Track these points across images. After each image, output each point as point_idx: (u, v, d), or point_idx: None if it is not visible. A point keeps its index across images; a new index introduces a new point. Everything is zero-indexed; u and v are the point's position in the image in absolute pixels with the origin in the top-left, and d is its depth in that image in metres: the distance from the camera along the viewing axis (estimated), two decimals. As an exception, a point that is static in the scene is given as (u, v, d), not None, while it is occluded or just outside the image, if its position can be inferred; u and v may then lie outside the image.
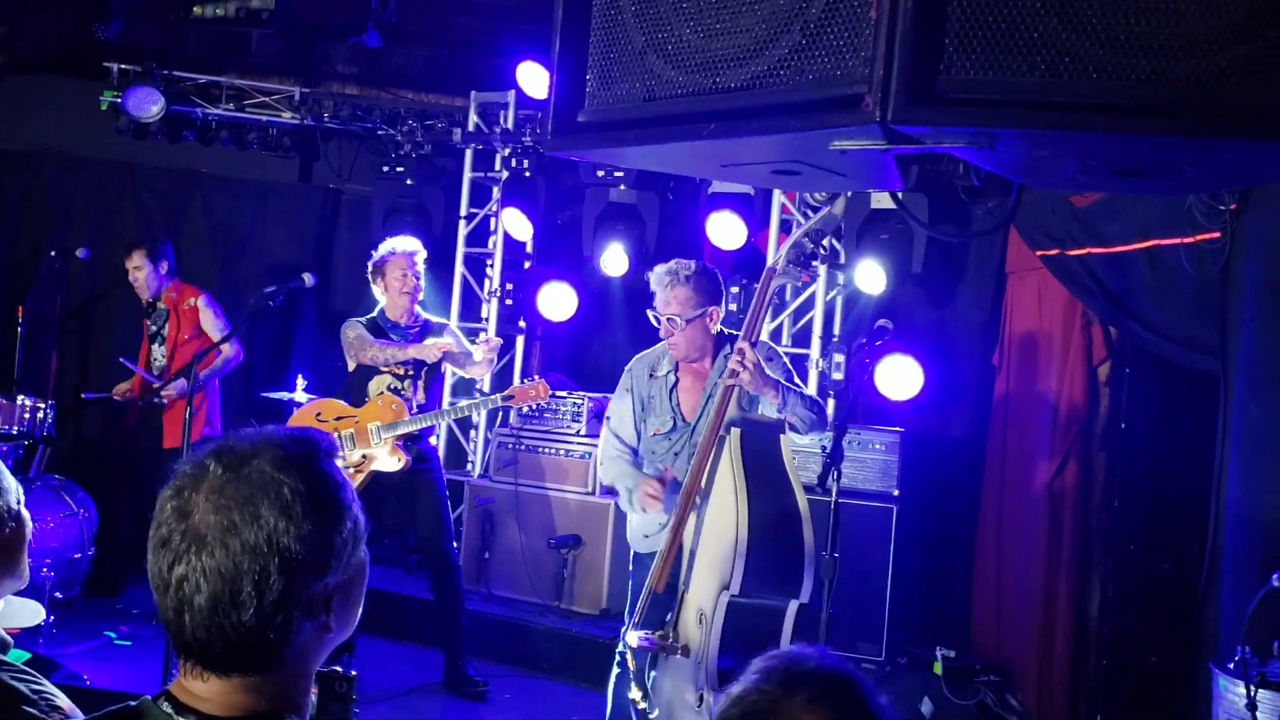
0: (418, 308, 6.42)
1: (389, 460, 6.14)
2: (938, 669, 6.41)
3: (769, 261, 4.80)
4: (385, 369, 6.26)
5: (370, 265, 6.41)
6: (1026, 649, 6.50)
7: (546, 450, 7.42)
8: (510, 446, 7.58)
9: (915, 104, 1.67)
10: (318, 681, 1.97)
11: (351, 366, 6.32)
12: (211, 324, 7.33)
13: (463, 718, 6.08)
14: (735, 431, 4.32)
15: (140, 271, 7.27)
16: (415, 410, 6.23)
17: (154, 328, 7.42)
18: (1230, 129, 1.62)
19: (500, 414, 8.00)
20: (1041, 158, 1.80)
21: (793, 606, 4.28)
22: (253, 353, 8.86)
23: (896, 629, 6.60)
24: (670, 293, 4.62)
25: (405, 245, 6.39)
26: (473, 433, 8.47)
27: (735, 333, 4.88)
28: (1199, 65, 1.58)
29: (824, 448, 4.21)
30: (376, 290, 6.38)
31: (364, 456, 6.15)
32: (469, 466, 8.39)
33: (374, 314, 6.39)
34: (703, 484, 4.36)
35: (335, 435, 6.18)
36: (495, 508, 7.50)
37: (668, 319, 4.63)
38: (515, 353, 8.70)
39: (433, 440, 6.56)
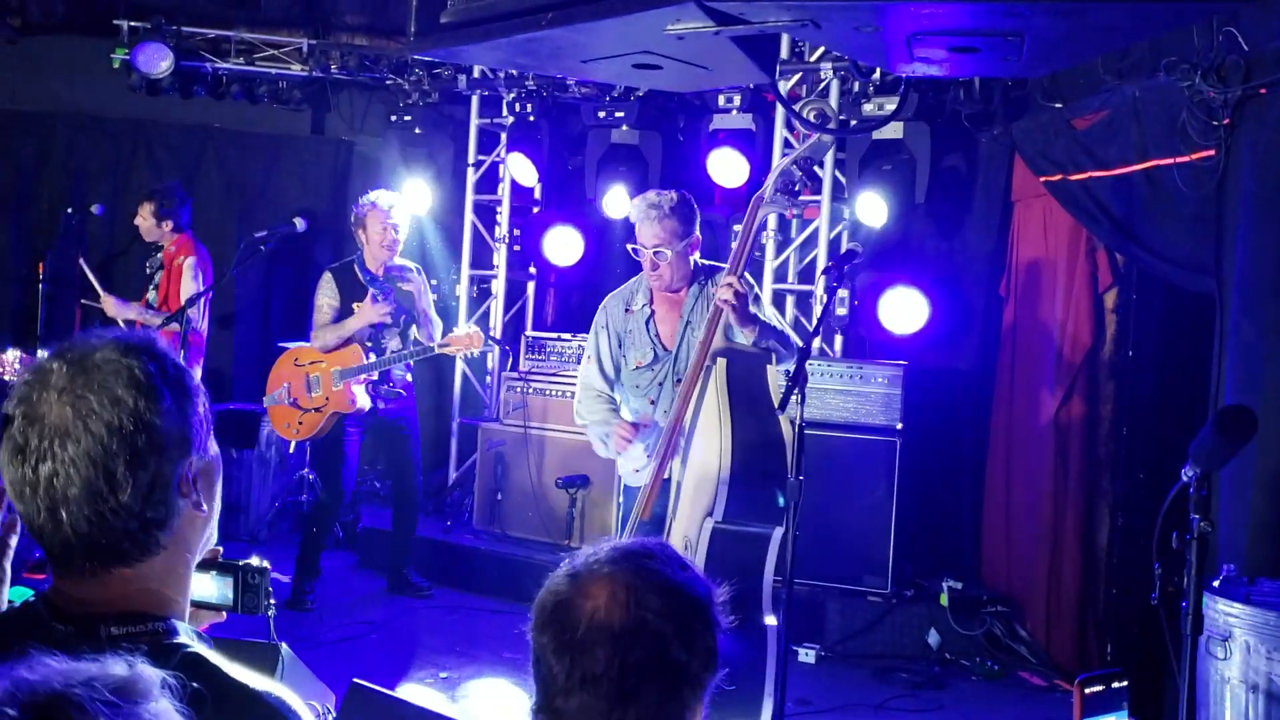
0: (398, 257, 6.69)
1: (343, 403, 6.40)
2: (944, 601, 6.40)
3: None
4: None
5: (352, 215, 6.62)
6: (1035, 580, 6.46)
7: (553, 393, 7.45)
8: (519, 390, 7.61)
9: (732, -20, 1.65)
10: (231, 573, 1.99)
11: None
12: (188, 287, 7.24)
13: (475, 647, 6.15)
14: (721, 362, 4.34)
15: (144, 223, 7.37)
16: None
17: (149, 270, 7.53)
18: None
19: (510, 359, 8.05)
20: (872, 36, 1.77)
21: (776, 534, 4.30)
22: (270, 302, 8.98)
23: (903, 562, 6.58)
24: (657, 225, 4.57)
25: (385, 199, 6.60)
26: (488, 379, 8.52)
27: (711, 263, 4.86)
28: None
29: (787, 372, 4.20)
30: (359, 240, 6.59)
31: (327, 399, 6.43)
32: (486, 411, 8.45)
33: (354, 259, 6.62)
34: (689, 415, 4.38)
35: (305, 378, 6.52)
36: (506, 450, 7.56)
37: (655, 251, 4.59)
38: (527, 298, 8.73)
39: (408, 378, 6.74)
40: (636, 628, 1.57)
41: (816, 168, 6.86)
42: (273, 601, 2.08)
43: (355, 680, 3.83)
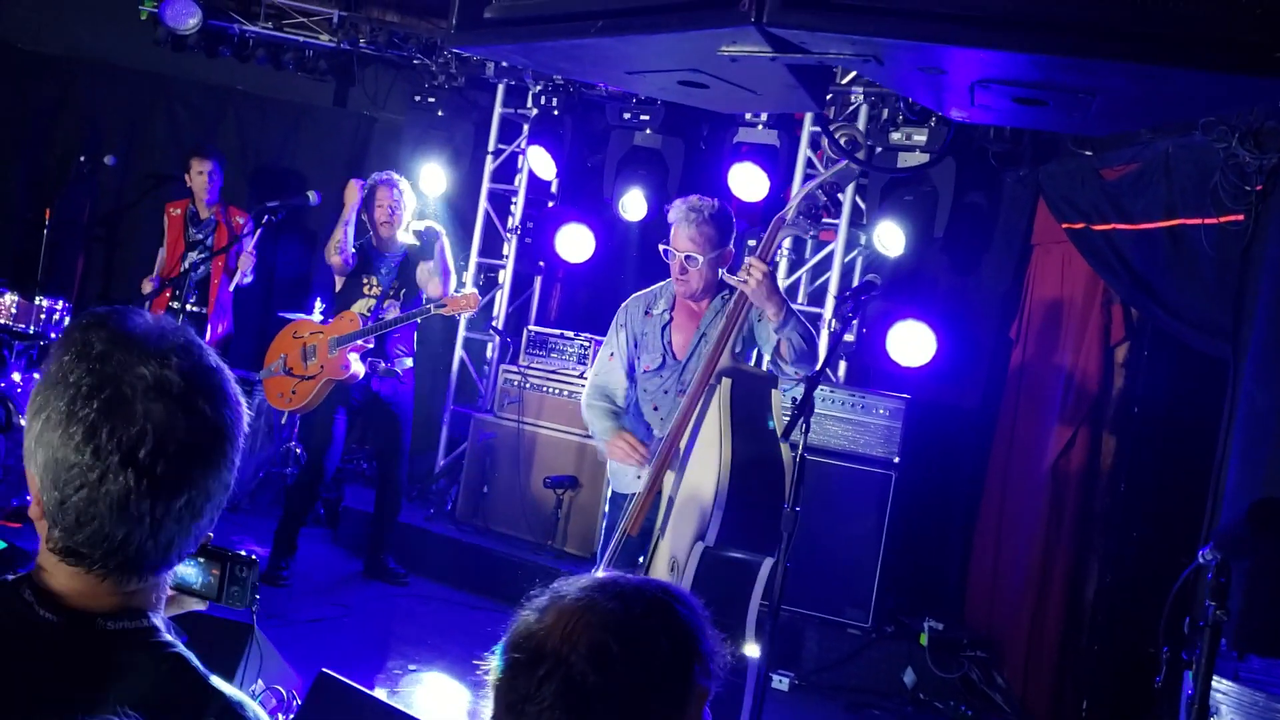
0: (403, 235, 6.71)
1: (337, 369, 6.42)
2: (924, 640, 6.31)
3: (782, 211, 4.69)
4: (366, 292, 6.60)
5: (362, 197, 6.67)
6: (1017, 628, 6.38)
7: (550, 390, 7.36)
8: (516, 384, 7.53)
9: (792, 7, 1.56)
10: (219, 563, 1.90)
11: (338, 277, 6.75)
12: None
13: (447, 641, 6.08)
14: (726, 381, 4.23)
15: (202, 176, 7.43)
16: None
17: (199, 235, 7.51)
18: (1166, 55, 1.48)
19: (510, 351, 7.98)
20: (934, 78, 1.68)
21: (766, 564, 4.19)
22: (274, 274, 8.89)
23: (887, 597, 6.50)
24: (694, 229, 4.47)
25: (387, 176, 6.66)
26: (486, 368, 8.44)
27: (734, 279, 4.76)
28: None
29: (794, 399, 4.10)
30: (371, 220, 6.69)
31: (322, 366, 6.45)
32: (481, 401, 8.37)
33: (366, 238, 6.73)
34: (688, 431, 4.28)
35: (302, 348, 6.57)
36: (497, 443, 7.47)
37: (685, 256, 4.49)
38: (534, 290, 8.66)
39: (408, 363, 6.74)
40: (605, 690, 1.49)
41: (839, 193, 6.80)
42: (258, 597, 2.01)
43: (324, 670, 3.74)
